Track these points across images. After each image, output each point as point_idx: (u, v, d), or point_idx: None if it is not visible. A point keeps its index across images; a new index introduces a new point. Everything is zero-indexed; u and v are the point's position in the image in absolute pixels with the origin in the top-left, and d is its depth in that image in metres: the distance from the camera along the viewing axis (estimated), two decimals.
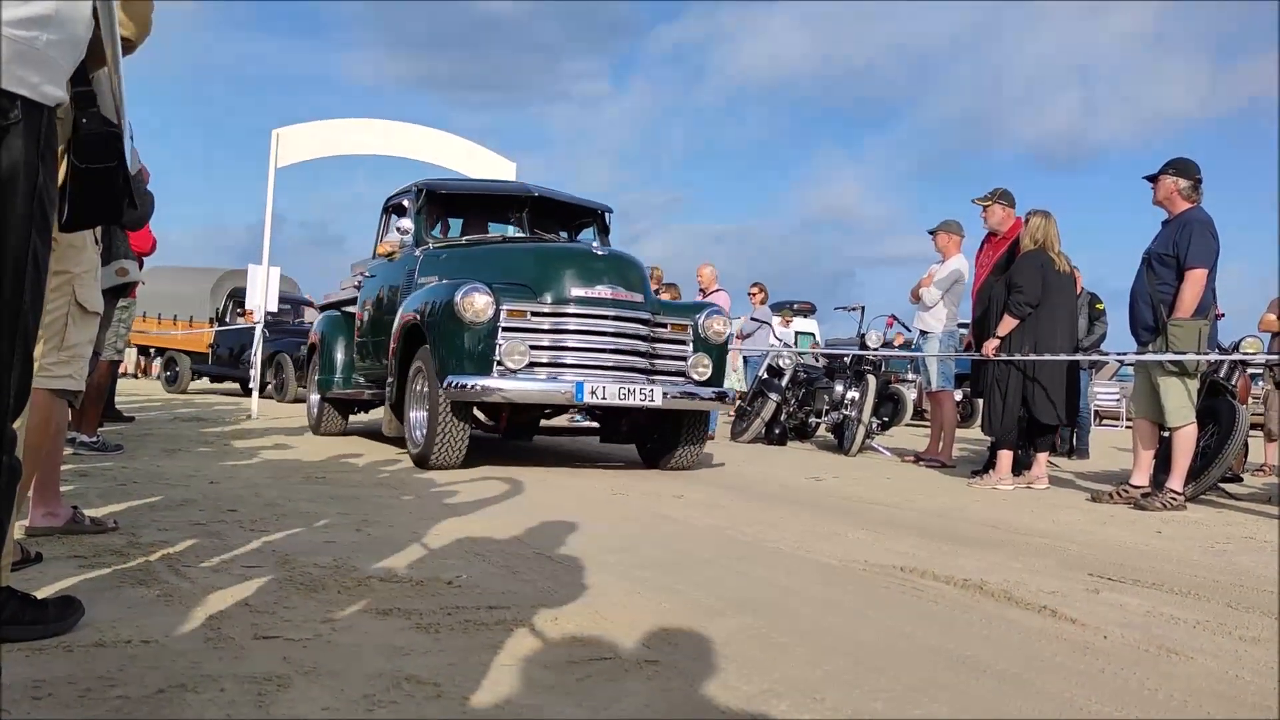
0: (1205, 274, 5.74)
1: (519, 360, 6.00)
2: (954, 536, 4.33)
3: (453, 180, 8.29)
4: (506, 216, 8.21)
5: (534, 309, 6.17)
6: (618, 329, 6.27)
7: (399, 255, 7.69)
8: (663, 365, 6.49)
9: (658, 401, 6.17)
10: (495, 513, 4.47)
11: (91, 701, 1.84)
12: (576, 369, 6.11)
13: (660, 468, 6.93)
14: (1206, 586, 3.40)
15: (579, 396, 5.96)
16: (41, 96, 1.67)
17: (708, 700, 2.00)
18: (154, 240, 7.61)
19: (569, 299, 6.21)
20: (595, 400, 5.99)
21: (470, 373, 5.97)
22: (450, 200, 8.11)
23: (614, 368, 6.20)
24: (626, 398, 6.06)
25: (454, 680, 2.04)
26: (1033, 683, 2.20)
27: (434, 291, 6.37)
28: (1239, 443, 6.34)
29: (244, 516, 4.00)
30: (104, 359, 6.24)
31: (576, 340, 6.17)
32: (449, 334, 6.04)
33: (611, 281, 6.32)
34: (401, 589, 2.85)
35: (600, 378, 6.11)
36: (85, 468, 5.41)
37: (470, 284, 6.03)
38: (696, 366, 6.56)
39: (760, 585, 3.14)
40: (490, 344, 6.03)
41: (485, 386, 5.90)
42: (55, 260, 2.66)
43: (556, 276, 6.29)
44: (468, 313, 5.96)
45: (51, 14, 1.69)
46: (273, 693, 1.92)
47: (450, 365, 6.01)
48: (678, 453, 6.89)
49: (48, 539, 3.29)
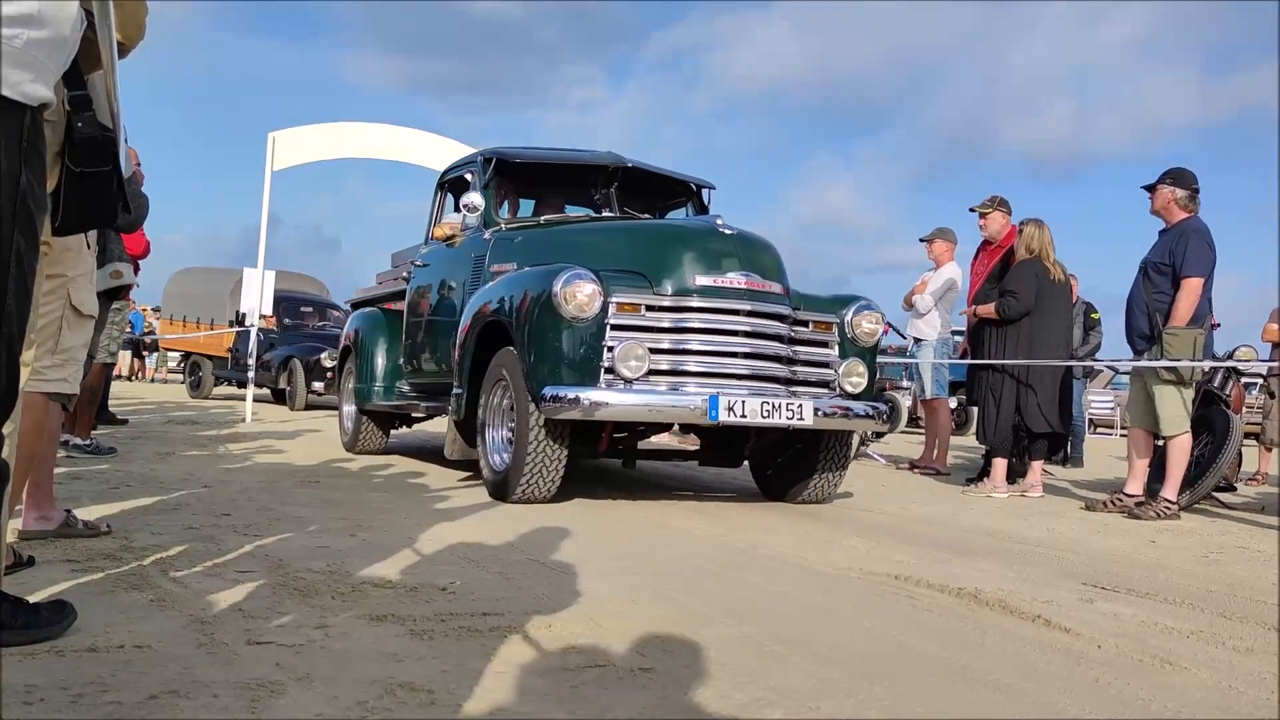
0: (1201, 283, 5.75)
1: (636, 367, 4.75)
2: (948, 545, 4.33)
3: (526, 149, 6.80)
4: (589, 193, 6.87)
5: (650, 301, 4.92)
6: (754, 327, 4.98)
7: (460, 239, 6.44)
8: (803, 373, 5.19)
9: (808, 420, 4.88)
10: (489, 519, 4.46)
11: (83, 707, 1.83)
12: (701, 378, 4.86)
13: (787, 500, 5.69)
14: (1200, 596, 3.40)
15: (713, 414, 4.68)
16: (23, 96, 1.64)
17: (702, 708, 2.00)
18: (147, 243, 7.60)
19: (692, 289, 4.94)
20: (732, 419, 4.69)
21: (572, 382, 4.74)
22: (523, 173, 6.75)
23: (749, 376, 4.93)
24: (771, 415, 4.79)
25: (447, 687, 2.04)
26: (1027, 692, 2.20)
27: (521, 281, 5.16)
28: (1233, 452, 6.35)
29: (238, 521, 3.99)
30: (97, 361, 6.23)
31: (702, 341, 4.89)
32: (544, 334, 4.81)
33: (744, 267, 5.03)
34: (395, 595, 2.84)
35: (734, 389, 4.85)
36: (78, 470, 5.40)
37: (572, 269, 4.79)
38: (849, 376, 5.28)
39: (755, 593, 3.13)
40: (596, 346, 4.79)
41: (595, 401, 4.62)
42: (50, 264, 2.65)
43: (676, 261, 5.02)
44: (569, 306, 4.72)
45: (34, 13, 1.66)
46: (265, 698, 1.92)
47: (545, 373, 4.78)
48: (813, 482, 5.59)
49: (40, 542, 3.28)
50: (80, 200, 2.05)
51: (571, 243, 5.70)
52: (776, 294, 5.12)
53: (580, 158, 6.84)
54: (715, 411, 4.68)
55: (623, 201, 6.72)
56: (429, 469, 6.63)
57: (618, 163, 6.63)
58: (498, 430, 5.28)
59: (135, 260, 7.06)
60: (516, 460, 4.89)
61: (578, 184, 6.88)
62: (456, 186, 7.00)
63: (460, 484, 5.74)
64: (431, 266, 6.83)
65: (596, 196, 6.80)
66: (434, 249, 6.89)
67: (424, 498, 5.13)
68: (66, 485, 4.63)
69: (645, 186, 6.87)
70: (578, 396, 4.63)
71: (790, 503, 5.62)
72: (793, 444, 5.60)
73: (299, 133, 11.33)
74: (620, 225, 6.08)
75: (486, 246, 6.05)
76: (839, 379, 5.27)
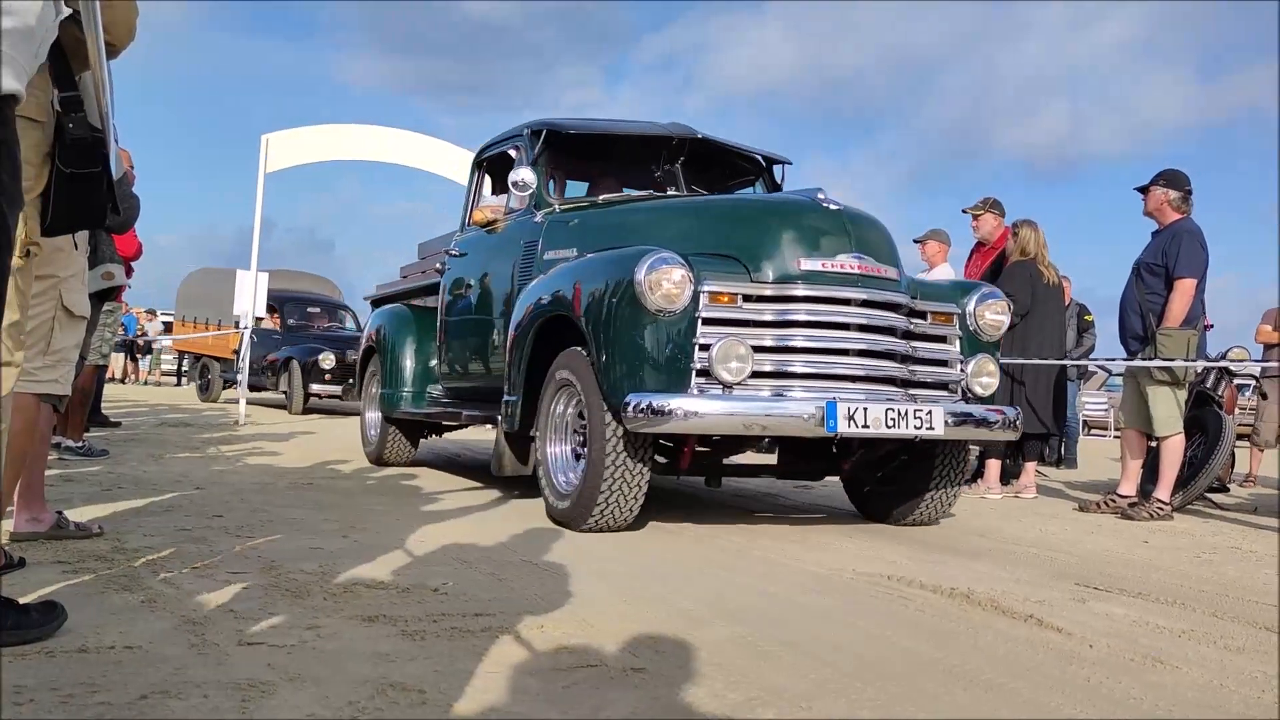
0: (1194, 284, 5.77)
1: (738, 369, 3.96)
2: (941, 545, 4.33)
3: (580, 119, 5.90)
4: (650, 170, 5.98)
5: (747, 291, 4.14)
6: (869, 319, 4.21)
7: (503, 224, 5.70)
8: (922, 374, 4.40)
9: (938, 430, 4.13)
10: (481, 520, 4.46)
11: (73, 707, 1.83)
12: (808, 381, 4.09)
13: (890, 521, 4.95)
14: (1193, 596, 3.41)
15: (830, 425, 3.90)
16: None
17: (694, 708, 2.00)
18: (139, 244, 7.58)
19: (796, 275, 4.16)
20: (852, 429, 3.94)
21: (657, 388, 3.98)
22: (577, 147, 5.84)
23: (863, 378, 4.18)
24: (896, 425, 4.03)
25: (439, 687, 2.03)
26: (1019, 692, 2.20)
27: (592, 268, 4.41)
28: (1226, 453, 6.36)
29: (230, 522, 3.98)
30: (89, 363, 6.21)
31: (809, 337, 4.11)
32: (623, 330, 4.06)
33: (857, 248, 4.25)
34: (387, 596, 2.84)
35: (849, 394, 4.10)
36: (70, 472, 5.38)
37: (657, 252, 4.01)
38: (979, 376, 4.51)
39: (747, 594, 3.13)
40: (685, 344, 4.02)
41: (691, 411, 3.87)
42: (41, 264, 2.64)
43: (775, 242, 4.23)
44: (654, 296, 3.95)
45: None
46: (256, 699, 1.91)
47: (625, 377, 4.03)
48: (925, 501, 4.81)
49: (32, 544, 3.28)
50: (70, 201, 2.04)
51: (645, 224, 4.89)
52: (892, 280, 4.35)
53: (643, 128, 5.95)
54: (833, 421, 3.91)
55: (695, 180, 5.96)
56: (421, 470, 6.63)
57: (687, 135, 5.81)
58: (560, 444, 4.54)
59: (127, 262, 7.05)
60: (590, 481, 4.11)
61: (637, 159, 6.01)
62: (497, 165, 6.22)
63: (461, 488, 5.72)
64: (470, 256, 6.06)
65: (658, 174, 5.95)
66: (472, 236, 6.09)
67: (417, 499, 5.12)
68: (58, 487, 4.62)
69: (710, 163, 6.08)
70: (670, 406, 3.87)
71: (894, 524, 4.89)
72: (896, 455, 4.84)
73: (292, 135, 11.31)
74: (705, 202, 5.29)
75: (539, 231, 5.27)
76: (967, 379, 4.50)
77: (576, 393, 4.31)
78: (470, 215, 6.19)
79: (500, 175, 5.99)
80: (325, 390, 13.04)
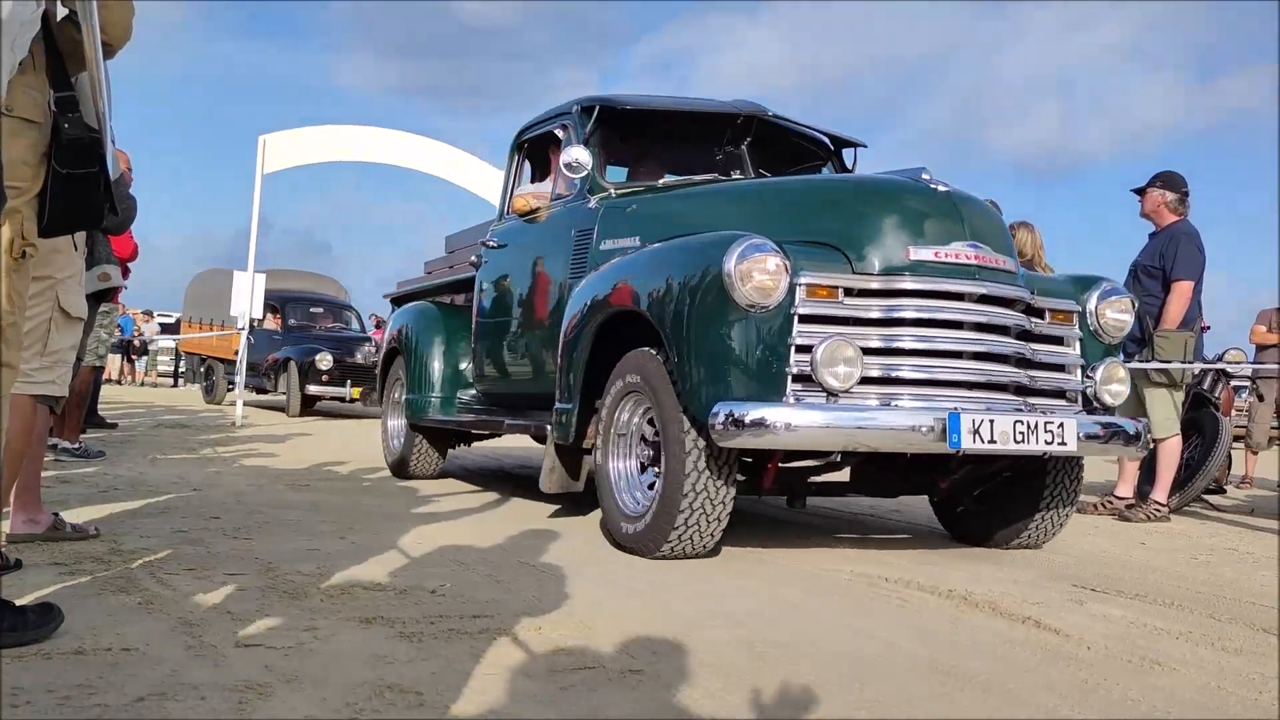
0: (1191, 286, 5.78)
1: (845, 374, 3.39)
2: (939, 547, 4.34)
3: (636, 95, 5.25)
4: (712, 152, 5.39)
5: (849, 284, 3.59)
6: (989, 318, 3.67)
7: (548, 212, 5.16)
8: (1042, 381, 3.84)
9: (1070, 445, 3.61)
10: (479, 521, 4.45)
11: (70, 709, 1.82)
12: (917, 388, 3.55)
13: (990, 545, 4.34)
14: (1190, 598, 3.41)
15: (954, 439, 3.37)
16: None
17: (691, 710, 2.00)
18: (135, 245, 7.57)
19: (904, 266, 3.62)
20: (978, 445, 3.41)
21: (747, 395, 3.42)
22: (634, 126, 5.28)
23: (981, 385, 3.64)
24: (1026, 439, 3.50)
25: (436, 689, 2.03)
26: (1016, 693, 2.20)
27: (668, 257, 3.88)
28: (1222, 455, 6.37)
29: (227, 524, 3.98)
30: (85, 364, 6.21)
31: (918, 338, 3.57)
32: (709, 328, 3.52)
33: (972, 236, 3.71)
34: (385, 597, 2.84)
35: (965, 403, 3.56)
36: (67, 474, 5.38)
37: (749, 238, 3.47)
38: (1109, 383, 3.92)
39: (745, 595, 3.13)
40: (780, 344, 3.47)
41: (792, 424, 3.32)
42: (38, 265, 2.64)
43: (878, 228, 3.69)
44: (746, 288, 3.41)
45: None
46: (254, 701, 1.91)
47: (709, 382, 3.47)
48: (1035, 521, 4.21)
49: (28, 545, 3.27)
50: (67, 202, 2.04)
51: (720, 209, 4.35)
52: (1009, 272, 3.82)
53: (707, 105, 5.33)
54: (956, 436, 3.37)
55: (763, 165, 5.35)
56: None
57: (756, 113, 5.21)
58: (624, 458, 4.00)
59: (123, 263, 7.05)
60: (666, 502, 3.59)
61: (698, 140, 5.45)
62: (538, 148, 5.70)
63: (459, 490, 5.71)
64: (511, 248, 5.48)
65: (721, 156, 5.36)
66: (511, 226, 5.53)
67: (414, 501, 5.11)
68: (54, 489, 4.61)
69: (774, 145, 5.44)
70: (766, 417, 3.31)
71: (997, 548, 4.32)
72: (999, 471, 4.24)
73: (289, 136, 11.31)
74: (792, 183, 4.74)
75: (593, 218, 4.71)
76: (1095, 387, 3.90)
77: (647, 400, 3.80)
78: (509, 203, 5.60)
79: (542, 159, 5.57)
80: (323, 392, 12.85)
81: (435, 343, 6.14)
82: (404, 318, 6.58)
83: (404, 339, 6.37)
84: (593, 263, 4.52)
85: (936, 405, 3.49)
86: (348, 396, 12.72)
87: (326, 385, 12.71)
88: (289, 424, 11.30)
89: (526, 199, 5.27)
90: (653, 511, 3.67)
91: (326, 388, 12.73)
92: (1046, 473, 4.14)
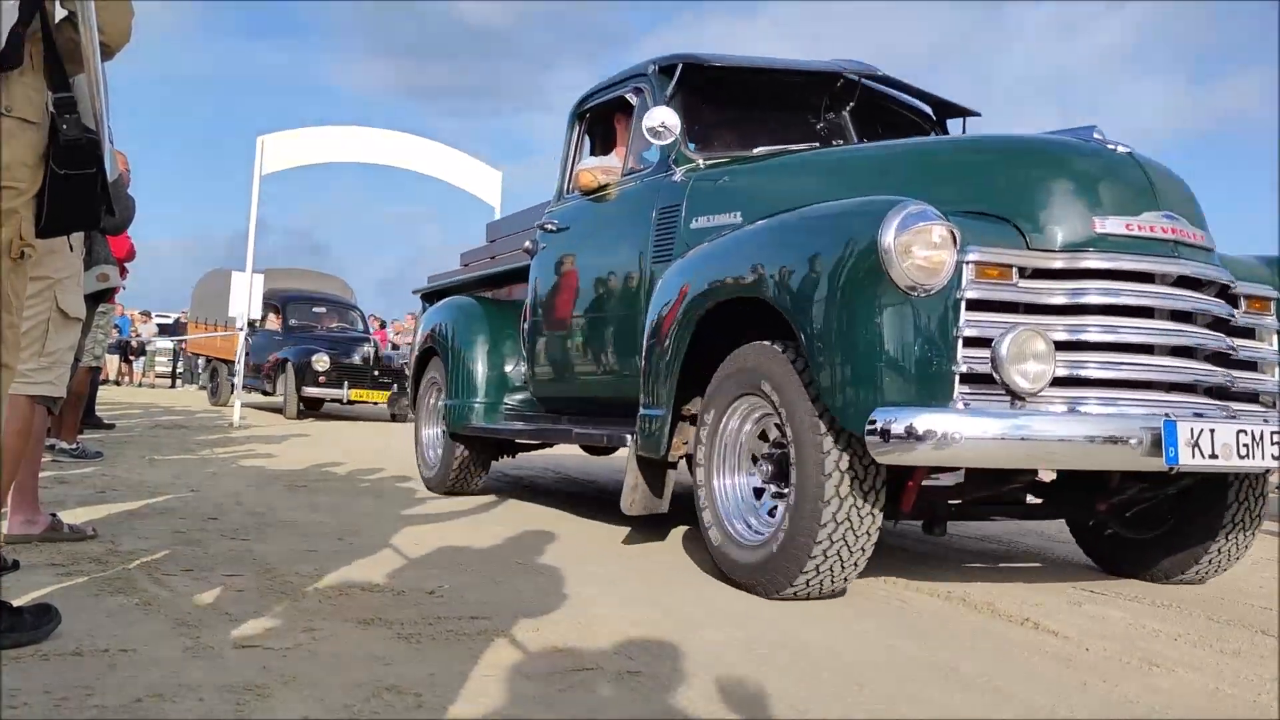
0: None
1: (1037, 372, 2.76)
2: (936, 548, 4.34)
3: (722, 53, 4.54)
4: (808, 121, 4.56)
5: (1025, 262, 2.93)
6: (1193, 305, 3.06)
7: (617, 190, 4.51)
8: (1243, 381, 3.20)
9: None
10: (477, 523, 4.45)
11: (68, 711, 1.82)
12: (1111, 389, 2.92)
13: (1150, 578, 3.67)
14: (1189, 599, 3.41)
15: (1170, 454, 2.74)
16: None
17: (689, 711, 2.00)
18: (131, 245, 7.55)
19: (1088, 240, 2.98)
20: (1197, 461, 2.77)
21: (904, 399, 2.78)
22: (721, 88, 4.54)
23: (1181, 386, 3.03)
24: (1250, 453, 2.87)
25: (434, 690, 2.03)
26: (1015, 695, 2.20)
27: (799, 229, 3.22)
28: None
29: (224, 525, 3.97)
30: (83, 365, 6.20)
31: (1105, 328, 2.93)
32: (857, 315, 2.85)
33: (1165, 206, 3.10)
34: (383, 598, 2.84)
35: (1174, 409, 2.94)
36: (64, 474, 5.37)
37: (909, 203, 2.83)
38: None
39: (742, 597, 3.13)
40: (944, 337, 2.81)
41: (970, 435, 2.69)
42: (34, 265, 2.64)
43: (1057, 195, 3.05)
44: (905, 264, 2.75)
45: None
46: (252, 702, 1.91)
47: (860, 383, 2.82)
48: (1213, 550, 3.53)
49: (26, 546, 3.27)
50: (65, 202, 2.04)
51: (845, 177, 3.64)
52: (1208, 250, 3.21)
53: (807, 65, 4.57)
54: (1173, 448, 2.74)
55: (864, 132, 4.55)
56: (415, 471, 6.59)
57: (864, 72, 4.50)
58: (732, 475, 3.37)
59: (120, 263, 7.04)
60: (798, 530, 2.93)
61: (793, 107, 4.64)
62: (603, 118, 4.96)
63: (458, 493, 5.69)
64: (574, 230, 4.79)
65: (820, 124, 4.56)
66: (573, 206, 4.84)
67: (412, 502, 5.11)
68: (52, 489, 4.60)
69: (875, 114, 4.68)
70: (943, 428, 2.66)
71: (1159, 582, 3.64)
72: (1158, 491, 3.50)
73: (287, 136, 11.30)
74: (937, 144, 4.12)
75: (680, 193, 4.05)
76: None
77: (764, 405, 3.19)
78: (571, 180, 4.90)
79: (606, 131, 4.94)
80: (319, 393, 12.69)
81: (479, 342, 5.48)
82: (441, 315, 5.89)
83: (442, 338, 5.73)
84: (682, 244, 3.91)
85: (1134, 411, 2.87)
86: (345, 398, 12.56)
87: (323, 387, 12.50)
88: (287, 425, 11.28)
89: (593, 174, 4.63)
90: (779, 542, 3.01)
91: (323, 389, 12.52)
92: (1229, 491, 3.47)
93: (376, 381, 12.73)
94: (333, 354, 12.59)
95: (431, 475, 5.69)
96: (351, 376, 12.62)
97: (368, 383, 12.66)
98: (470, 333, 5.52)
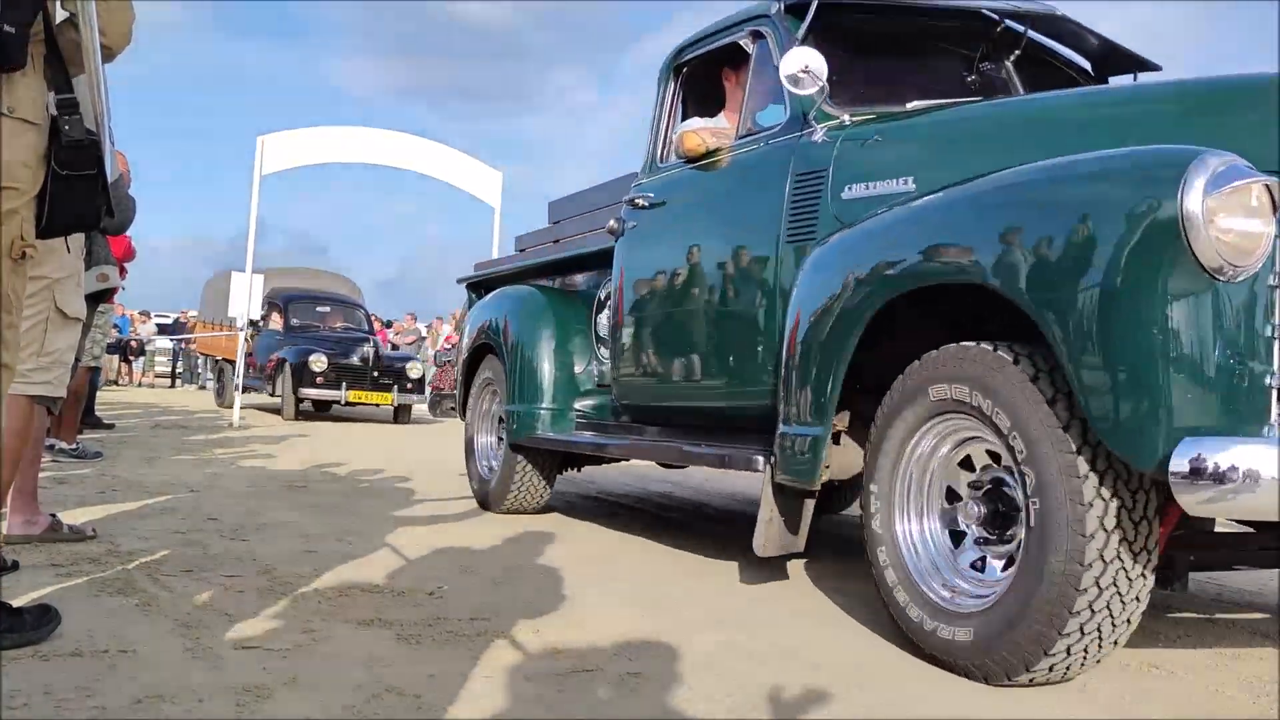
0: None
1: None
2: None
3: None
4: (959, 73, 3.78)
5: None
6: None
7: (730, 156, 3.74)
8: None
9: None
10: (477, 525, 4.45)
11: (68, 711, 1.82)
12: None
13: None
14: (1187, 601, 3.41)
15: None
16: None
17: (688, 712, 2.00)
18: (130, 245, 7.54)
19: None
20: None
21: (1204, 422, 2.06)
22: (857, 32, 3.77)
23: None
24: None
25: (434, 691, 2.03)
26: (1015, 695, 2.20)
27: (1038, 193, 2.42)
28: None
29: (224, 525, 3.97)
30: (82, 365, 6.20)
31: None
32: (1143, 308, 2.09)
33: None
34: (383, 599, 2.84)
35: None
36: (64, 475, 5.37)
37: (1212, 154, 2.08)
38: None
39: (741, 599, 3.13)
40: (1255, 338, 2.09)
41: None
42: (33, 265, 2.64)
43: None
44: (1213, 236, 2.03)
45: None
46: (252, 703, 1.91)
47: (1147, 402, 2.07)
48: None
49: (25, 547, 3.26)
50: (65, 203, 2.04)
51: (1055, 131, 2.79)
52: None
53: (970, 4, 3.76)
54: None
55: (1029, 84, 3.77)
56: (416, 473, 6.60)
57: (1042, 11, 3.79)
58: (920, 519, 2.62)
59: (119, 263, 7.03)
60: (1046, 600, 2.18)
61: (945, 54, 3.90)
62: (702, 73, 4.19)
63: (456, 494, 5.69)
64: (674, 205, 4.00)
65: (972, 78, 3.78)
66: (671, 177, 4.05)
67: (412, 503, 5.11)
68: (52, 490, 4.60)
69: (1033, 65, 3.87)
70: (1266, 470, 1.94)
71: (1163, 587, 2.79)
72: None
73: (287, 137, 11.30)
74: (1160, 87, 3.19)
75: (825, 156, 3.26)
76: None
77: (979, 426, 2.44)
78: (671, 145, 4.10)
79: (707, 89, 4.18)
80: (316, 394, 12.38)
81: (544, 338, 4.70)
82: (498, 307, 5.11)
83: (499, 333, 4.93)
84: (829, 218, 3.17)
85: None
86: (343, 400, 12.41)
87: (321, 388, 12.28)
88: (287, 425, 11.27)
89: (700, 135, 3.87)
90: (1009, 609, 2.26)
91: (321, 390, 12.30)
92: None
93: (376, 383, 12.58)
94: (331, 354, 12.41)
95: (488, 489, 4.90)
96: (350, 377, 12.42)
97: (367, 384, 12.50)
98: (535, 327, 4.75)
